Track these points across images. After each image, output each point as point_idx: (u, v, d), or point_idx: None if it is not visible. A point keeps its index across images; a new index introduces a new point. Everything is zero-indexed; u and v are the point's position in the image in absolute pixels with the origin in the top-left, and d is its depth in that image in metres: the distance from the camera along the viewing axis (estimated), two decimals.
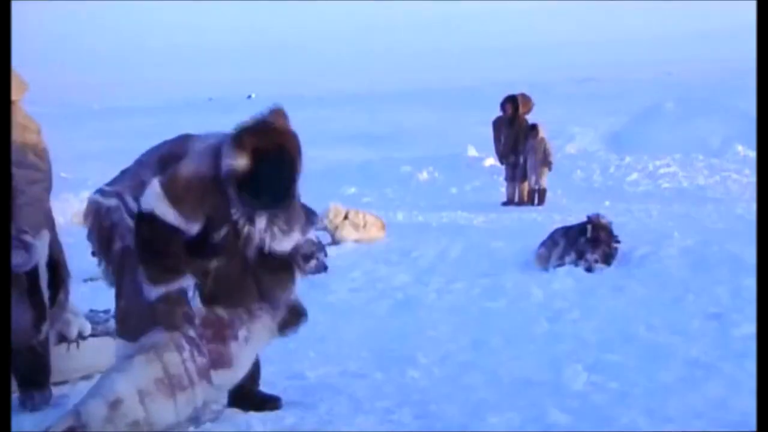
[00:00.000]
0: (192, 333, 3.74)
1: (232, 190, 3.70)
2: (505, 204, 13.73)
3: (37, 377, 4.25)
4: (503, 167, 14.37)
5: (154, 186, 3.68)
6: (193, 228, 3.72)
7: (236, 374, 3.84)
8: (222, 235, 3.80)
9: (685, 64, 53.44)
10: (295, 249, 4.02)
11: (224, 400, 3.95)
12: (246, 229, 3.81)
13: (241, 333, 3.83)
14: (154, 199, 3.66)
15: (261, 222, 3.85)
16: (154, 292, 3.69)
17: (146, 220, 3.68)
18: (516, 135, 13.86)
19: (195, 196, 3.69)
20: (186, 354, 3.69)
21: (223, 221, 3.78)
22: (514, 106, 13.95)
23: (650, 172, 16.14)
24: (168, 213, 3.65)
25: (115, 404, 3.55)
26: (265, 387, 4.52)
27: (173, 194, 3.66)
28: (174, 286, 3.71)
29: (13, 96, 4.09)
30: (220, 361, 3.75)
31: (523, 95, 14.17)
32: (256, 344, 3.92)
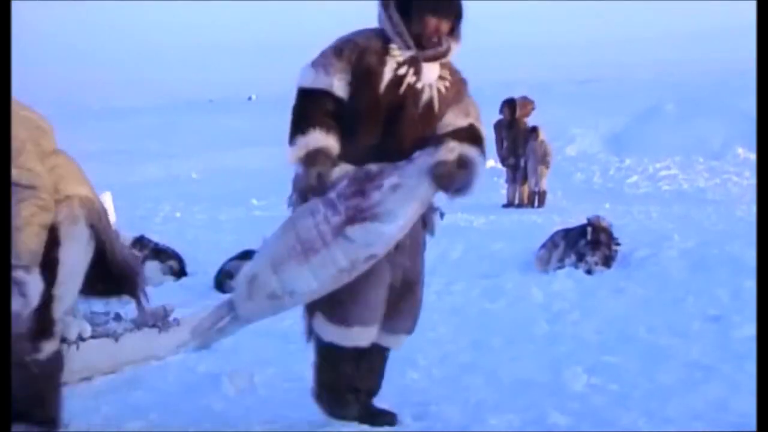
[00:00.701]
0: (331, 194, 3.53)
1: (393, 12, 3.63)
2: (505, 206, 13.74)
3: (32, 408, 3.41)
4: (504, 169, 14.38)
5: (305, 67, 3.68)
6: (340, 82, 3.61)
7: (383, 225, 3.50)
8: (385, 86, 3.63)
9: (685, 64, 53.44)
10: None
11: (379, 249, 3.54)
12: (411, 77, 3.66)
13: (388, 181, 3.54)
14: (301, 75, 3.66)
15: (430, 72, 3.71)
16: (293, 153, 3.58)
17: (296, 98, 3.66)
18: (515, 138, 13.87)
19: (341, 53, 3.63)
20: (320, 217, 3.51)
21: (381, 68, 3.63)
22: (511, 109, 13.95)
23: (650, 174, 16.17)
24: (308, 77, 3.63)
25: (252, 280, 3.56)
26: (264, 388, 4.53)
27: (319, 60, 3.65)
28: (309, 143, 3.54)
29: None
30: (358, 216, 3.49)
31: (524, 98, 14.16)
32: (411, 191, 3.56)
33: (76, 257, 3.49)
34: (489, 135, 15.26)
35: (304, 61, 3.83)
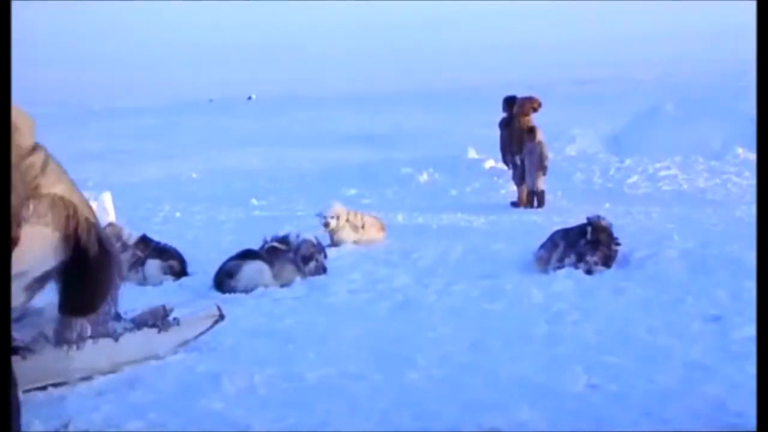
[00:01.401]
0: None
1: None
2: (514, 204, 13.55)
3: None
4: (506, 169, 14.37)
5: None
6: None
7: None
8: None
9: (685, 64, 53.45)
10: None
11: None
12: None
13: None
14: None
15: None
16: None
17: None
18: (510, 136, 13.81)
19: None
20: None
21: None
22: (509, 107, 13.90)
23: (650, 174, 16.14)
24: None
25: None
26: (264, 388, 4.54)
27: None
28: None
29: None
30: None
31: (529, 97, 14.03)
32: None
33: (31, 261, 3.25)
34: (487, 134, 15.18)
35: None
